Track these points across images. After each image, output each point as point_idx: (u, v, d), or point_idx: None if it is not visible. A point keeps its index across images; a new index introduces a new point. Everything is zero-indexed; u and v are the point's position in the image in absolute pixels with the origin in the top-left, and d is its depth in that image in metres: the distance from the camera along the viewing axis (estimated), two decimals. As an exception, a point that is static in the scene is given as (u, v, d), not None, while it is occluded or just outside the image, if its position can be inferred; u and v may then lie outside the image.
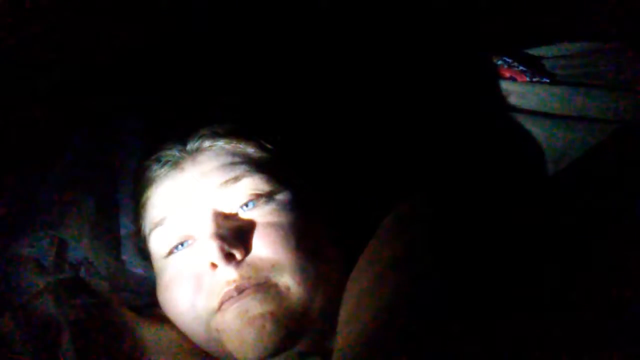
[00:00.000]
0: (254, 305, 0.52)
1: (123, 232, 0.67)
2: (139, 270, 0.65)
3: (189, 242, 0.58)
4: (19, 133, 0.66)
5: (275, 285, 0.53)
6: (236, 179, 0.57)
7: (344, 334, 0.48)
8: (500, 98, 0.77)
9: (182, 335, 0.58)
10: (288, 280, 0.54)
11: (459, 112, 0.77)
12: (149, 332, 0.60)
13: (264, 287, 0.53)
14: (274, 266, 0.54)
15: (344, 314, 0.51)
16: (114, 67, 0.72)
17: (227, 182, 0.57)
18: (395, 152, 0.75)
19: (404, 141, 0.76)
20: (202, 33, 0.77)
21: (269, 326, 0.51)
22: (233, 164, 0.59)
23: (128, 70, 0.73)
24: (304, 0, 0.82)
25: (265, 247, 0.54)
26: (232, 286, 0.53)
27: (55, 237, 0.65)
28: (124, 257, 0.66)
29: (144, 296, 0.64)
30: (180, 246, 0.58)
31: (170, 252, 0.58)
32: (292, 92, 0.77)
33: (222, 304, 0.53)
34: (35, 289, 0.61)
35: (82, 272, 0.64)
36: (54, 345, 0.56)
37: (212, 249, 0.53)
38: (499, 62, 0.79)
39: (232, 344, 0.53)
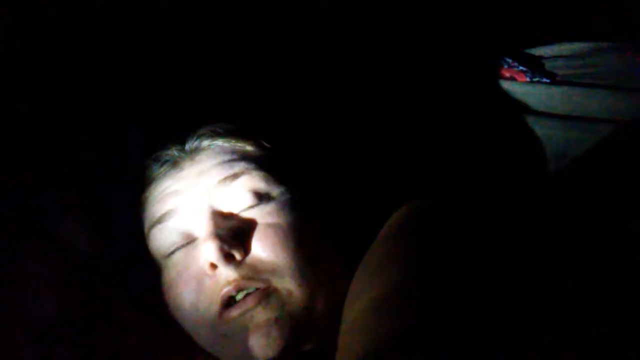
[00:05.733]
0: (259, 312, 0.52)
1: (123, 231, 0.67)
2: (139, 270, 0.65)
3: (189, 241, 0.57)
4: (19, 133, 0.66)
5: (277, 290, 0.53)
6: (235, 175, 0.57)
7: (348, 335, 0.48)
8: (500, 98, 0.77)
9: (186, 336, 0.58)
10: (289, 284, 0.53)
11: (459, 112, 0.77)
12: (150, 332, 0.60)
13: (266, 292, 0.53)
14: (274, 268, 0.54)
15: (347, 314, 0.50)
16: (114, 66, 0.72)
17: (225, 178, 0.57)
18: (395, 152, 0.75)
19: (404, 141, 0.76)
20: (202, 33, 0.77)
21: (274, 332, 0.52)
22: (232, 161, 0.59)
23: (128, 69, 0.73)
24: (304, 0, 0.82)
25: (265, 248, 0.54)
26: (232, 285, 0.53)
27: (55, 237, 0.65)
28: (124, 256, 0.66)
29: (145, 295, 0.64)
30: (180, 245, 0.58)
31: (171, 252, 0.58)
32: (292, 91, 0.77)
33: (224, 307, 0.53)
34: (35, 289, 0.61)
35: (83, 272, 0.64)
36: (54, 346, 0.56)
37: (211, 250, 0.53)
38: (499, 62, 0.79)
39: (238, 350, 0.53)
